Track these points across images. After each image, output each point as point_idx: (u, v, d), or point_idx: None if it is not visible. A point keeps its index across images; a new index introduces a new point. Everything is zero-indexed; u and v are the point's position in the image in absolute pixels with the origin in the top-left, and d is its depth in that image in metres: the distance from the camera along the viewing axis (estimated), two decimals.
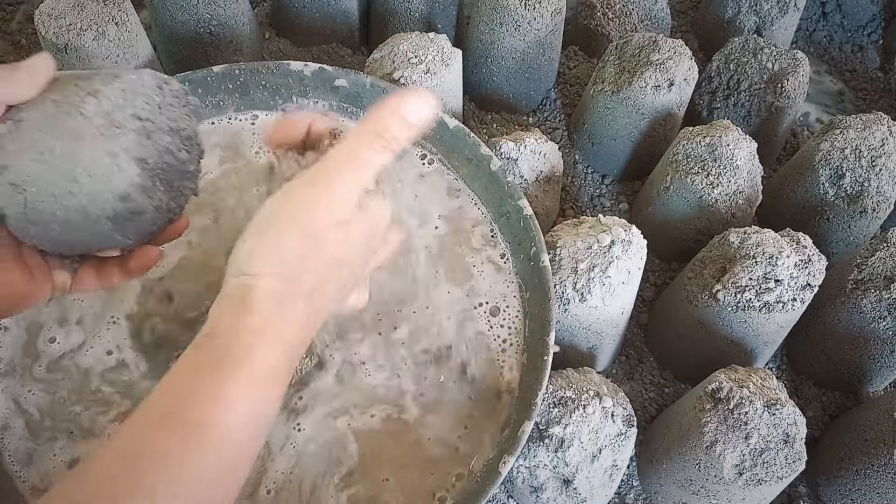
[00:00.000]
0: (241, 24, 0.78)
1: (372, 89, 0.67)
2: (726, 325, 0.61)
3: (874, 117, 0.69)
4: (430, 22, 0.84)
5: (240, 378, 0.34)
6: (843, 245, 0.73)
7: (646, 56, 0.72)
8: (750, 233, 0.61)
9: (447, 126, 0.65)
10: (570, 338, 0.62)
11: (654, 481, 0.63)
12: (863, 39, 0.97)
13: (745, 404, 0.54)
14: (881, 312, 0.62)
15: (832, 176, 0.69)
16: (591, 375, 0.59)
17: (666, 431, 0.61)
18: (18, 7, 0.91)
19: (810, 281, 0.59)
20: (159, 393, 0.33)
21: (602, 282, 0.58)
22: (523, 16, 0.74)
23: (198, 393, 0.33)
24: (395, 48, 0.69)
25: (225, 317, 0.35)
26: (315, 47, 0.88)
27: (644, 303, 0.73)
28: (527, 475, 0.56)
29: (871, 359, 0.65)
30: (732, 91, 0.78)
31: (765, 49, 0.77)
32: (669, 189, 0.69)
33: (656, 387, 0.70)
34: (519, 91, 0.82)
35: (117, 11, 0.65)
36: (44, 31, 0.64)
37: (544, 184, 0.70)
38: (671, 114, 0.74)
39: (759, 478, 0.53)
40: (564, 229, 0.62)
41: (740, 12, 0.86)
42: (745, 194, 0.68)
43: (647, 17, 0.88)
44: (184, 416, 0.32)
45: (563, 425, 0.54)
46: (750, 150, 0.68)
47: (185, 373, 0.34)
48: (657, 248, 0.73)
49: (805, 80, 0.77)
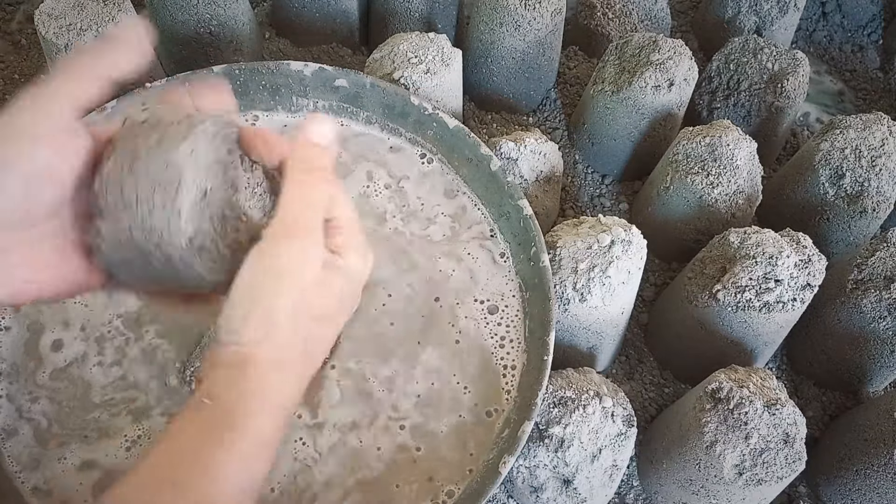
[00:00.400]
0: (241, 24, 0.78)
1: (372, 89, 0.67)
2: (726, 325, 0.61)
3: (874, 117, 0.69)
4: (430, 22, 0.84)
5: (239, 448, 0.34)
6: (843, 245, 0.73)
7: (646, 56, 0.72)
8: (750, 233, 0.61)
9: (447, 126, 0.65)
10: (570, 338, 0.62)
11: (654, 481, 0.63)
12: (863, 39, 0.97)
13: (745, 404, 0.54)
14: (881, 312, 0.62)
15: (832, 176, 0.69)
16: (591, 375, 0.59)
17: (666, 431, 0.61)
18: (18, 7, 0.91)
19: (810, 281, 0.59)
20: (159, 457, 0.34)
21: (602, 282, 0.58)
22: (523, 16, 0.74)
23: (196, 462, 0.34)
24: (395, 48, 0.69)
25: (224, 384, 0.35)
26: (315, 47, 0.88)
27: (644, 303, 0.73)
28: (527, 475, 0.56)
29: (871, 359, 0.65)
30: (732, 91, 0.78)
31: (765, 49, 0.77)
32: (669, 189, 0.69)
33: (656, 387, 0.70)
34: (519, 91, 0.82)
35: (117, 11, 0.65)
36: (44, 31, 0.64)
37: (544, 184, 0.70)
38: (671, 114, 0.74)
39: (759, 478, 0.53)
40: (564, 229, 0.62)
41: (740, 12, 0.86)
42: (746, 194, 0.68)
43: (647, 17, 0.88)
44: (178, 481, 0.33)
45: (563, 425, 0.54)
46: (750, 150, 0.68)
47: (184, 440, 0.34)
48: (657, 248, 0.73)
49: (805, 80, 0.77)
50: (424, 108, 0.66)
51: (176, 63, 0.80)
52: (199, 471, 0.33)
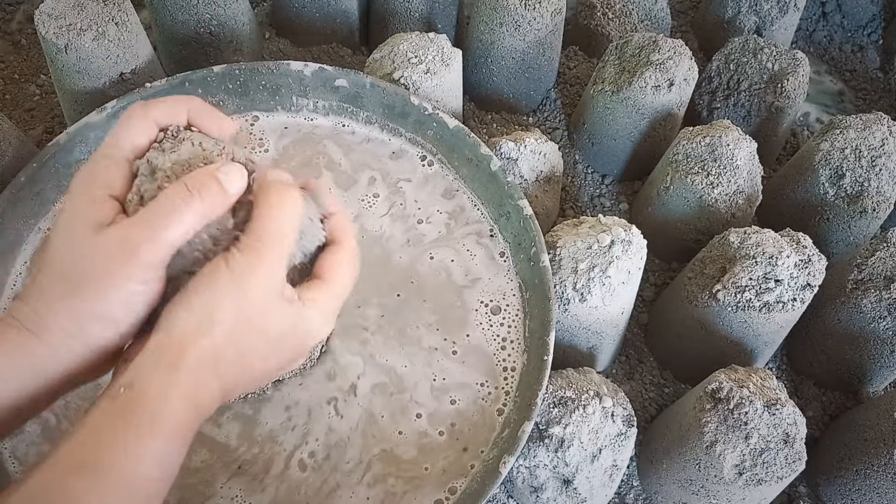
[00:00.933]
0: (241, 24, 0.78)
1: (372, 89, 0.67)
2: (726, 325, 0.61)
3: (874, 117, 0.69)
4: (430, 22, 0.84)
5: (154, 432, 0.34)
6: (843, 245, 0.73)
7: (646, 56, 0.72)
8: (750, 233, 0.61)
9: (447, 126, 0.65)
10: (570, 338, 0.62)
11: (654, 481, 0.63)
12: (863, 39, 0.97)
13: (745, 404, 0.54)
14: (881, 312, 0.62)
15: (832, 176, 0.69)
16: (591, 375, 0.59)
17: (666, 431, 0.61)
18: (18, 7, 0.91)
19: (810, 281, 0.59)
20: (74, 442, 0.34)
21: (602, 282, 0.58)
22: (523, 16, 0.74)
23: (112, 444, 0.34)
24: (395, 48, 0.69)
25: (148, 370, 0.35)
26: (315, 47, 0.88)
27: (644, 303, 0.73)
28: (527, 475, 0.56)
29: (871, 359, 0.65)
30: (732, 91, 0.78)
31: (765, 49, 0.77)
32: (669, 189, 0.69)
33: (656, 387, 0.70)
34: (519, 91, 0.82)
35: (117, 11, 0.65)
36: (44, 31, 0.64)
37: (544, 184, 0.70)
38: (671, 114, 0.74)
39: (759, 478, 0.53)
40: (564, 229, 0.62)
41: (740, 12, 0.86)
42: (745, 194, 0.68)
43: (647, 17, 0.88)
44: (96, 465, 0.33)
45: (563, 425, 0.54)
46: (750, 150, 0.68)
47: (101, 423, 0.34)
48: (657, 248, 0.73)
49: (805, 80, 0.77)
50: (424, 108, 0.66)
51: (176, 63, 0.80)
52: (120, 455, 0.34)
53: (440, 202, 0.66)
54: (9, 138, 0.64)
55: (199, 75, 0.66)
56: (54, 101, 0.81)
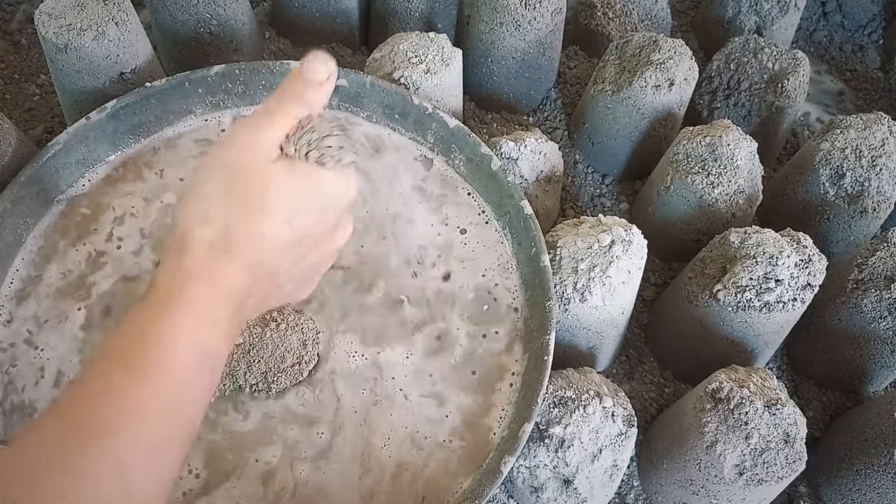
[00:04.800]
0: (241, 24, 0.78)
1: (372, 89, 0.67)
2: (726, 325, 0.61)
3: (874, 117, 0.69)
4: (430, 22, 0.84)
5: (178, 316, 0.35)
6: (844, 245, 0.72)
7: (646, 56, 0.72)
8: (750, 233, 0.61)
9: (447, 126, 0.65)
10: (570, 338, 0.62)
11: (654, 481, 0.63)
12: (863, 39, 0.97)
13: (746, 404, 0.54)
14: (881, 312, 0.62)
15: (832, 176, 0.69)
16: (591, 375, 0.59)
17: (666, 431, 0.61)
18: (18, 7, 0.91)
19: (811, 281, 0.59)
20: (110, 341, 0.35)
21: (602, 282, 0.58)
22: (523, 15, 0.73)
23: (142, 336, 0.35)
24: (395, 48, 0.69)
25: (163, 265, 0.37)
26: (315, 47, 0.87)
27: (644, 303, 0.73)
28: (527, 475, 0.56)
29: (871, 359, 0.65)
30: (733, 91, 0.78)
31: (765, 49, 0.77)
32: (670, 189, 0.69)
33: (656, 387, 0.70)
34: (519, 91, 0.82)
35: (117, 11, 0.65)
36: (44, 31, 0.64)
37: (544, 184, 0.70)
38: (671, 114, 0.74)
39: (760, 478, 0.53)
40: (564, 229, 0.62)
41: (740, 12, 0.86)
42: (746, 194, 0.68)
43: (647, 16, 0.88)
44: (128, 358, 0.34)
45: (564, 425, 0.54)
46: (750, 149, 0.68)
47: (131, 320, 0.36)
48: (657, 248, 0.73)
49: (805, 80, 0.77)
50: (425, 107, 0.66)
51: (176, 63, 0.80)
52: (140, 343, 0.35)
53: (440, 202, 0.66)
54: (9, 138, 0.64)
55: (199, 75, 0.66)
56: (54, 101, 0.81)
